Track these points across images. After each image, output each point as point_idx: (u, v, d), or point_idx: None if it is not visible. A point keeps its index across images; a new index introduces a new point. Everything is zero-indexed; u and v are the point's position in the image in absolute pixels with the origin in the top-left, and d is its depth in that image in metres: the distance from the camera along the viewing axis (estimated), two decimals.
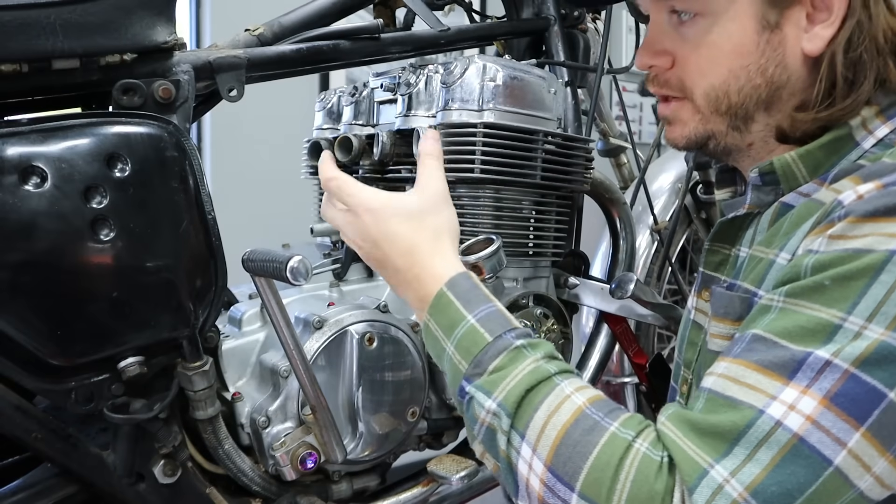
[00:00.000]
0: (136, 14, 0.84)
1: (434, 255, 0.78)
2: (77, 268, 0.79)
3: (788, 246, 0.70)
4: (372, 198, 0.81)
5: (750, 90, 0.75)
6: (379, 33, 1.09)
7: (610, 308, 1.18)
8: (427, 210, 0.80)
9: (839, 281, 0.61)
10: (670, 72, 0.80)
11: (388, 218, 0.79)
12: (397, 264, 0.79)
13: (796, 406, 0.59)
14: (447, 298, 0.75)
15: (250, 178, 2.30)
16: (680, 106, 0.80)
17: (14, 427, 0.82)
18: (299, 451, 0.93)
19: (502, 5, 1.30)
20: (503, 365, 0.69)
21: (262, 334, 1.02)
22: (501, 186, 1.04)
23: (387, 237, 0.79)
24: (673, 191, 1.70)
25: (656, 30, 0.80)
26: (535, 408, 0.66)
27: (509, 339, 0.71)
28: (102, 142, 0.81)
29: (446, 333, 0.74)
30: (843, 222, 0.63)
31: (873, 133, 0.72)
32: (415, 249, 0.78)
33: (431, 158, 0.85)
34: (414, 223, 0.79)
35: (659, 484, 0.60)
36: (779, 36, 0.74)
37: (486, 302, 0.74)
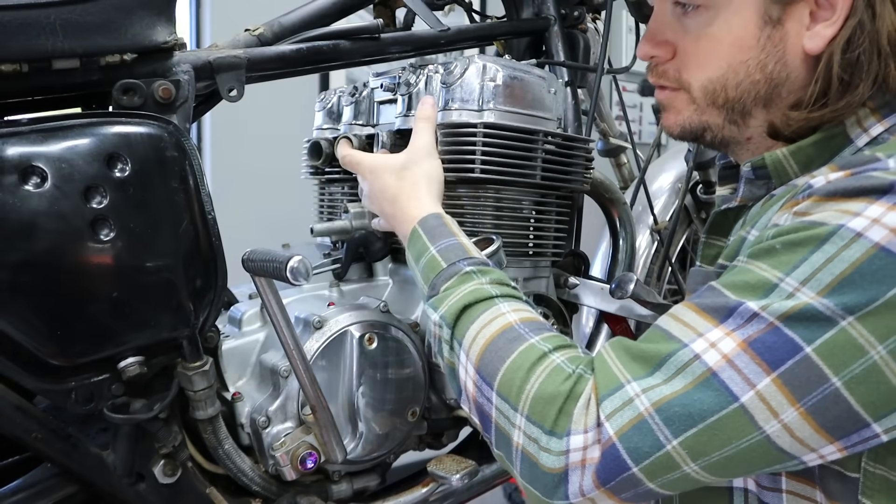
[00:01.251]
0: (136, 14, 0.84)
1: (411, 199, 0.92)
2: (77, 268, 0.79)
3: (760, 223, 0.72)
4: (372, 161, 0.99)
5: (748, 86, 0.76)
6: (379, 33, 1.09)
7: (610, 308, 1.18)
8: (409, 163, 0.95)
9: (787, 245, 0.64)
10: (669, 63, 0.81)
11: (381, 174, 0.96)
12: (388, 211, 0.95)
13: (717, 345, 0.63)
14: (417, 233, 0.88)
15: (250, 178, 2.30)
16: (675, 94, 0.81)
17: (14, 427, 0.82)
18: (299, 451, 0.93)
19: (502, 5, 1.30)
20: (451, 286, 0.80)
21: (262, 334, 1.02)
22: (501, 186, 1.04)
23: (380, 190, 0.96)
24: (673, 191, 1.70)
25: (659, 20, 0.81)
26: (472, 320, 0.76)
27: (461, 265, 0.82)
28: (102, 142, 0.81)
29: (416, 262, 0.87)
30: (808, 200, 0.66)
31: (867, 131, 0.73)
32: (398, 196, 0.94)
33: (424, 121, 0.99)
34: (398, 174, 0.95)
35: (565, 386, 0.67)
36: (780, 32, 0.74)
37: (450, 236, 0.86)
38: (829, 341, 0.60)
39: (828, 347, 0.60)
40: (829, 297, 0.60)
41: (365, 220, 1.15)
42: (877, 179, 0.63)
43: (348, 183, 1.24)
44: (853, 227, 0.61)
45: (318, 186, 1.32)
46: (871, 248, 0.60)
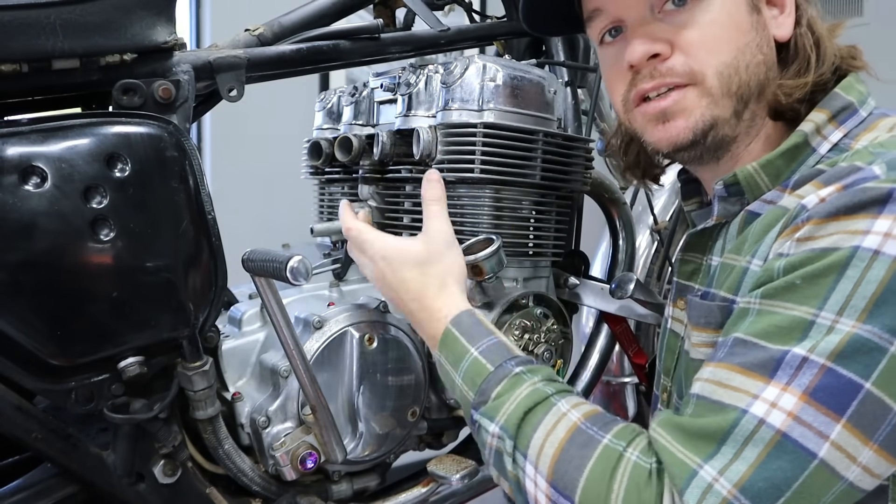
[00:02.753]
0: (136, 14, 0.84)
1: (439, 297, 0.86)
2: (77, 268, 0.79)
3: (759, 252, 0.72)
4: (385, 246, 0.90)
5: (755, 67, 0.78)
6: (379, 33, 1.09)
7: (610, 308, 1.18)
8: (432, 257, 0.88)
9: (809, 279, 0.63)
10: (673, 59, 0.77)
11: (399, 266, 0.88)
12: (410, 307, 0.88)
13: (778, 403, 0.61)
14: (452, 335, 0.82)
15: (250, 178, 2.30)
16: (683, 94, 0.77)
17: (14, 427, 0.82)
18: (299, 451, 0.93)
19: (502, 5, 1.30)
20: (504, 391, 0.74)
21: (262, 334, 1.02)
22: (501, 186, 1.04)
23: (399, 283, 0.88)
24: (673, 191, 1.70)
25: (640, 24, 0.79)
26: (535, 427, 0.71)
27: (509, 367, 0.76)
28: (102, 142, 0.81)
29: (454, 367, 0.81)
30: (809, 224, 0.65)
31: (828, 138, 0.75)
32: (422, 295, 0.87)
33: (434, 204, 0.93)
34: (421, 270, 0.88)
35: (649, 490, 0.63)
36: (762, 19, 0.79)
37: (488, 335, 0.81)
38: (884, 371, 0.59)
39: (885, 377, 0.59)
40: (869, 321, 0.60)
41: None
42: (872, 191, 0.63)
43: (348, 183, 1.24)
44: (868, 245, 0.61)
45: (318, 186, 1.32)
46: (893, 264, 0.60)
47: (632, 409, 1.69)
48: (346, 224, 0.96)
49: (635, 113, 0.81)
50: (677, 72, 0.77)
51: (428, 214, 0.92)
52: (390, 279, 0.89)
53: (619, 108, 0.84)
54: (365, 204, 1.16)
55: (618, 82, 0.82)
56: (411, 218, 1.12)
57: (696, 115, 0.77)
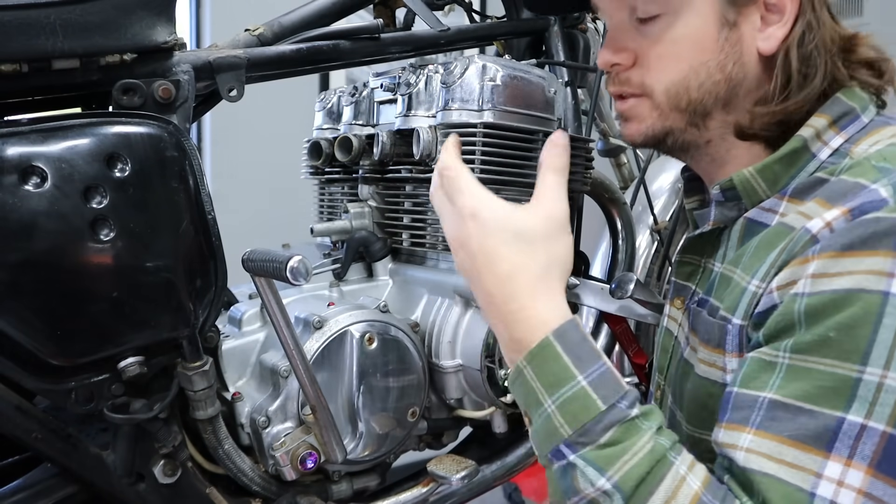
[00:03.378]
0: (136, 14, 0.84)
1: (538, 291, 0.70)
2: (77, 268, 0.79)
3: (759, 272, 0.70)
4: (481, 203, 0.73)
5: (710, 86, 0.76)
6: (379, 33, 1.09)
7: (610, 308, 1.18)
8: (540, 234, 0.71)
9: (844, 330, 0.60)
10: (631, 70, 0.80)
11: (494, 232, 0.71)
12: (491, 289, 0.71)
13: (844, 481, 0.58)
14: (553, 350, 0.67)
15: (250, 178, 2.30)
16: (638, 102, 0.80)
17: (14, 427, 0.82)
18: (299, 451, 0.93)
19: (502, 5, 1.30)
20: (618, 440, 0.64)
21: (262, 334, 1.02)
22: (501, 186, 1.04)
23: (486, 254, 0.71)
24: (673, 191, 1.70)
25: (617, 28, 0.81)
26: (651, 492, 0.62)
27: (623, 408, 0.65)
28: (102, 142, 0.81)
29: (548, 389, 0.67)
30: (822, 259, 0.63)
31: (828, 144, 0.74)
32: (516, 278, 0.70)
33: (554, 173, 0.76)
34: (521, 246, 0.71)
35: None
36: (737, 34, 0.75)
37: (598, 360, 0.67)
38: None
39: None
40: None
41: (365, 221, 1.16)
42: (884, 222, 0.62)
43: (348, 183, 1.24)
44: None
45: (318, 186, 1.32)
46: None
47: None
48: (444, 161, 0.77)
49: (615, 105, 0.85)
50: (632, 83, 0.80)
51: (544, 184, 0.76)
52: (474, 244, 0.71)
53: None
54: (365, 204, 1.16)
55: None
56: (411, 218, 1.12)
57: (647, 123, 0.80)
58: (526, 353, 0.68)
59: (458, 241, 0.74)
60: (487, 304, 0.72)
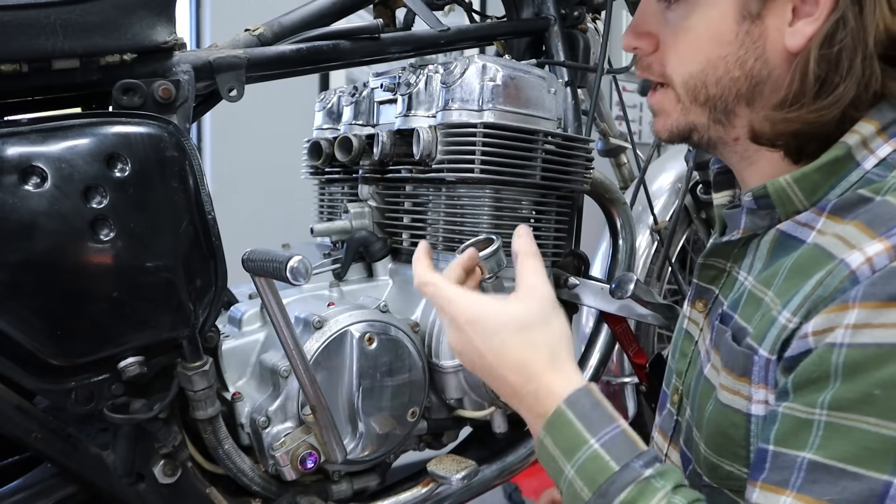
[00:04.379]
0: (136, 14, 0.84)
1: (549, 370, 0.72)
2: (77, 268, 0.79)
3: (792, 304, 0.65)
4: (471, 308, 0.74)
5: (728, 82, 0.73)
6: (379, 33, 1.09)
7: (610, 308, 1.18)
8: (536, 321, 0.73)
9: (888, 388, 0.57)
10: (653, 56, 0.78)
11: (496, 330, 0.73)
12: (508, 379, 0.73)
13: None
14: (566, 418, 0.69)
15: (250, 178, 2.30)
16: (664, 95, 0.78)
17: (14, 427, 0.82)
18: (299, 451, 0.93)
19: (502, 5, 1.30)
20: (631, 499, 0.64)
21: (262, 334, 1.02)
22: (501, 186, 1.04)
23: (494, 351, 0.73)
24: (673, 191, 1.70)
25: (644, 11, 0.79)
26: None
27: (637, 468, 0.65)
28: (102, 142, 0.81)
29: (566, 456, 0.68)
30: (864, 308, 0.59)
31: (875, 152, 0.68)
32: (528, 366, 0.72)
33: (529, 258, 0.78)
34: (524, 337, 0.72)
35: None
36: (759, 28, 0.70)
37: (610, 422, 0.68)
38: None
39: None
40: None
41: (365, 221, 1.16)
42: None
43: (348, 183, 1.24)
44: None
45: (318, 186, 1.32)
46: None
47: (632, 409, 1.70)
48: (419, 277, 0.78)
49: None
50: (654, 70, 0.78)
51: (525, 269, 0.77)
52: (483, 347, 0.73)
53: None
54: (365, 204, 1.16)
55: None
56: (411, 218, 1.12)
57: (673, 118, 0.78)
58: (545, 424, 0.70)
59: (463, 347, 0.76)
60: (506, 393, 0.74)
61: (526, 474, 1.24)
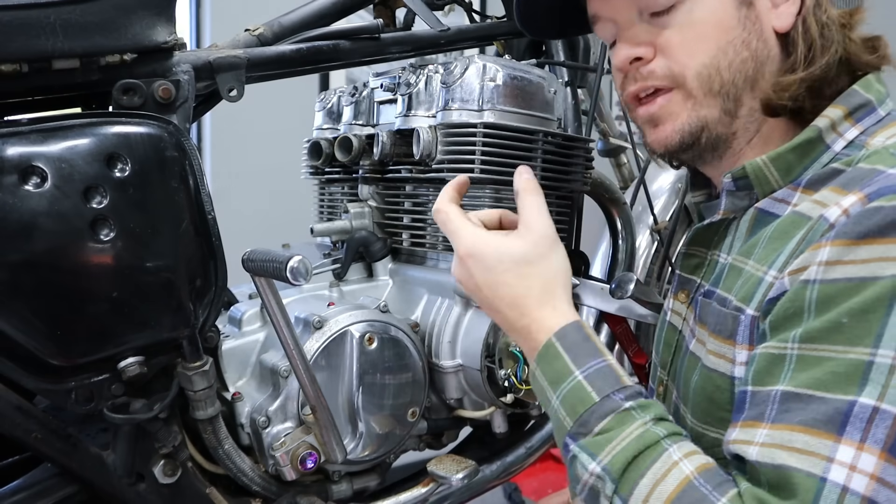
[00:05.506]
0: (136, 14, 0.84)
1: (543, 305, 0.75)
2: (77, 268, 0.79)
3: (776, 263, 0.68)
4: (474, 241, 0.77)
5: (739, 64, 0.75)
6: (379, 33, 1.09)
7: (610, 308, 1.18)
8: (534, 256, 0.76)
9: (856, 316, 0.59)
10: (654, 62, 0.78)
11: (493, 265, 0.76)
12: (504, 313, 0.76)
13: (857, 465, 0.57)
14: (555, 349, 0.72)
15: (250, 178, 2.30)
16: (668, 99, 0.78)
17: (14, 427, 0.82)
18: (299, 451, 0.93)
19: (502, 5, 1.30)
20: (610, 427, 0.67)
21: (262, 334, 1.02)
22: (501, 186, 1.04)
23: (491, 285, 0.76)
24: (673, 191, 1.70)
25: (626, 28, 0.79)
26: (641, 474, 0.64)
27: (617, 400, 0.68)
28: (102, 142, 0.81)
29: (552, 386, 0.71)
30: (835, 245, 0.62)
31: (843, 135, 0.73)
32: (522, 300, 0.75)
33: (530, 195, 0.80)
34: (520, 271, 0.75)
35: None
36: (754, 12, 0.75)
37: (597, 356, 0.71)
38: None
39: None
40: None
41: (365, 220, 1.16)
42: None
43: (348, 183, 1.24)
44: None
45: (318, 186, 1.32)
46: None
47: None
48: (437, 204, 0.82)
49: (634, 113, 0.82)
50: (657, 75, 0.78)
51: (526, 206, 0.79)
52: (480, 280, 0.77)
53: (625, 107, 0.85)
54: (365, 204, 1.16)
55: (617, 83, 0.84)
56: (411, 218, 1.12)
57: (683, 118, 0.77)
58: (536, 356, 0.74)
59: (464, 280, 0.79)
60: (504, 325, 0.78)
61: (526, 474, 1.24)
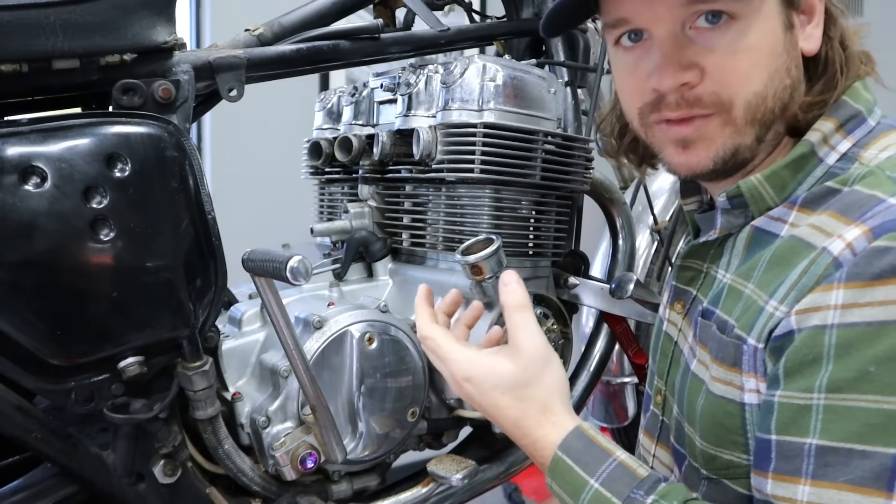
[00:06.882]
0: (136, 14, 0.84)
1: (542, 424, 0.75)
2: (77, 268, 0.79)
3: (778, 293, 0.67)
4: (468, 367, 0.77)
5: (780, 92, 0.72)
6: (379, 33, 1.09)
7: (610, 308, 1.18)
8: (527, 380, 0.75)
9: (882, 364, 0.58)
10: (702, 87, 0.71)
11: (489, 390, 0.76)
12: (509, 431, 0.77)
13: None
14: (564, 464, 0.72)
15: (250, 178, 2.30)
16: (705, 122, 0.72)
17: (14, 427, 0.82)
18: (299, 451, 0.93)
19: (502, 5, 1.30)
20: None
21: (262, 334, 1.02)
22: (501, 186, 1.04)
23: (491, 407, 0.77)
24: (673, 191, 1.70)
25: (668, 43, 0.71)
26: None
27: (638, 498, 0.67)
28: (102, 142, 0.81)
29: (573, 498, 0.71)
30: (851, 288, 0.61)
31: (835, 148, 0.72)
32: (522, 422, 0.75)
33: (519, 311, 0.77)
34: (516, 394, 0.75)
35: None
36: (793, 37, 0.73)
37: (606, 459, 0.71)
38: None
39: None
40: None
41: (365, 220, 1.16)
42: None
43: (348, 183, 1.24)
44: None
45: (318, 186, 1.32)
46: None
47: (632, 409, 1.69)
48: (421, 331, 0.81)
49: (654, 129, 0.77)
50: (704, 102, 0.71)
51: (514, 325, 0.77)
52: (478, 400, 0.77)
53: (634, 118, 0.79)
54: (365, 204, 1.16)
55: (634, 94, 0.76)
56: (411, 218, 1.12)
57: (718, 144, 0.73)
58: (548, 472, 0.74)
59: (463, 397, 0.80)
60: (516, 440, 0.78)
61: (526, 474, 1.24)
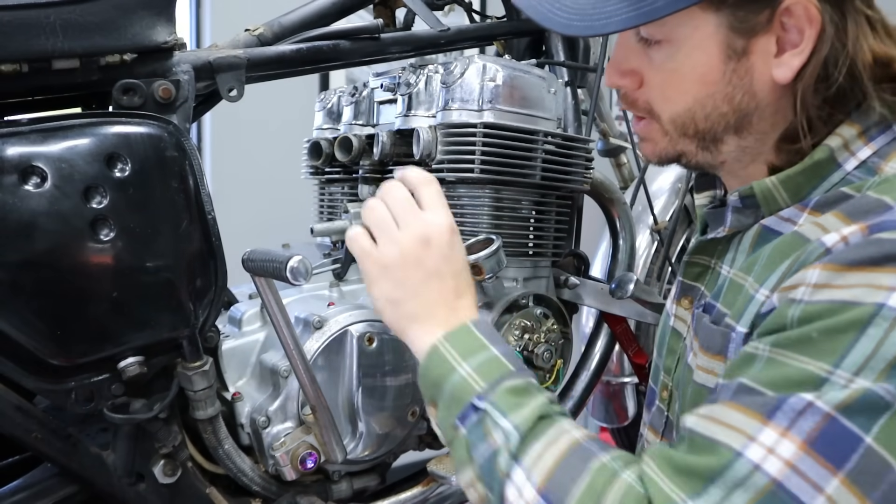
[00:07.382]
0: (136, 14, 0.84)
1: (465, 296, 0.80)
2: (77, 268, 0.79)
3: (768, 281, 0.69)
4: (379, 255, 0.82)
5: (717, 117, 0.73)
6: (379, 33, 1.09)
7: (610, 308, 1.18)
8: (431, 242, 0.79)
9: (827, 333, 0.60)
10: (639, 92, 0.77)
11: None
12: (429, 296, 0.79)
13: (775, 449, 0.58)
14: (469, 330, 0.77)
15: (250, 178, 2.30)
16: (649, 125, 0.78)
17: (14, 427, 0.82)
18: (299, 451, 0.93)
19: (502, 5, 1.30)
20: (521, 390, 0.72)
21: (262, 334, 1.02)
22: (501, 186, 1.04)
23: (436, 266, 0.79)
24: (673, 191, 1.70)
25: (623, 48, 0.77)
26: (537, 437, 0.69)
27: (527, 375, 0.75)
28: (102, 142, 0.81)
29: (462, 355, 0.75)
30: (826, 269, 0.62)
31: (855, 154, 0.71)
32: (452, 286, 0.80)
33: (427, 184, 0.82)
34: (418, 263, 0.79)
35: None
36: (746, 64, 0.71)
37: (508, 346, 0.78)
38: (885, 426, 0.57)
39: (886, 433, 0.57)
40: (887, 381, 0.58)
41: None
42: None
43: (348, 183, 1.24)
44: (893, 304, 0.58)
45: (318, 186, 1.32)
46: None
47: (632, 409, 1.69)
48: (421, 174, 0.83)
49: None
50: (640, 107, 0.78)
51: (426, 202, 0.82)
52: (432, 265, 0.79)
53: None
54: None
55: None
56: None
57: (661, 146, 0.79)
58: (446, 334, 0.77)
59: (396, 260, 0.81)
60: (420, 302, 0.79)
61: None
